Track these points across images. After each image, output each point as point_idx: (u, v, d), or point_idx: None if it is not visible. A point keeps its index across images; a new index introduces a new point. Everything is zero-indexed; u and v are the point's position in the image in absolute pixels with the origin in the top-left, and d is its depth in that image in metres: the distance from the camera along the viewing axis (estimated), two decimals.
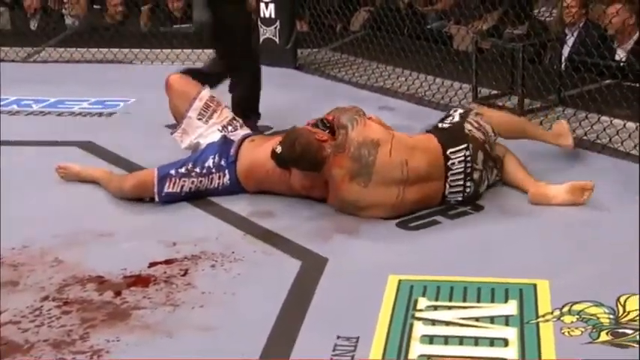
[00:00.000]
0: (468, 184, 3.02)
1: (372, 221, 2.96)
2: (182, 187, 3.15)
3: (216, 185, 3.20)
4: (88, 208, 3.21)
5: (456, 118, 3.12)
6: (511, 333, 2.25)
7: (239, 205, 3.17)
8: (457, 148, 2.99)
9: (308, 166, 3.00)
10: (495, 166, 3.14)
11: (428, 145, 3.01)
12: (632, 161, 3.40)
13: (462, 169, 2.98)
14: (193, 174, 3.17)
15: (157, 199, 3.16)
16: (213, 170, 3.18)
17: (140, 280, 2.62)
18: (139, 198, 3.21)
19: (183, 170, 3.16)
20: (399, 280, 2.53)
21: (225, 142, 3.26)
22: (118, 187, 3.27)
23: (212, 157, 3.20)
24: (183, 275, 2.65)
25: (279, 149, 2.98)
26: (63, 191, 3.36)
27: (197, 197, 3.20)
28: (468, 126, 3.07)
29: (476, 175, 3.02)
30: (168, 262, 2.73)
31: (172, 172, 3.15)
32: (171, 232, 2.95)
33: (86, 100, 4.59)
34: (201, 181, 3.18)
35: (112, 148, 3.81)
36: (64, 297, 2.53)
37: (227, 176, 3.20)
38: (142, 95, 4.60)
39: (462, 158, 2.98)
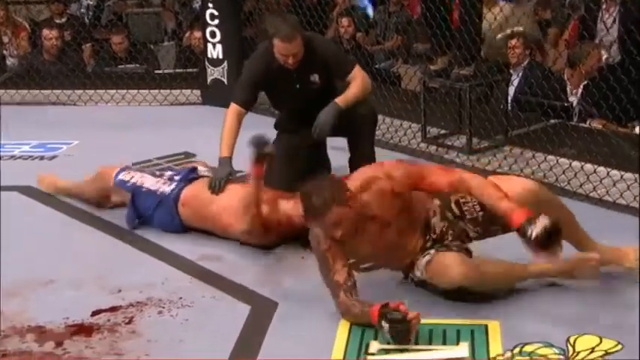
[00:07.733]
0: None
1: None
2: (132, 177, 3.37)
3: (156, 188, 3.27)
4: (29, 256, 3.10)
5: None
6: None
7: (185, 248, 3.11)
8: None
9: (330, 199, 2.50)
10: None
11: None
12: (578, 200, 3.44)
13: None
14: (146, 171, 3.47)
15: (111, 183, 3.43)
16: (165, 178, 3.33)
17: (83, 329, 2.54)
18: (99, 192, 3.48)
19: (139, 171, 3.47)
20: (351, 324, 2.49)
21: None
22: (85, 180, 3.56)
23: (172, 172, 3.42)
24: (128, 323, 2.57)
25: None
26: (1, 239, 3.23)
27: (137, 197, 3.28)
28: None
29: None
30: (112, 309, 2.66)
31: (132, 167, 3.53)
32: (116, 278, 2.87)
33: (27, 144, 4.49)
34: (149, 181, 3.32)
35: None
36: (2, 349, 2.42)
37: (172, 188, 3.25)
38: (85, 137, 4.52)
39: None
